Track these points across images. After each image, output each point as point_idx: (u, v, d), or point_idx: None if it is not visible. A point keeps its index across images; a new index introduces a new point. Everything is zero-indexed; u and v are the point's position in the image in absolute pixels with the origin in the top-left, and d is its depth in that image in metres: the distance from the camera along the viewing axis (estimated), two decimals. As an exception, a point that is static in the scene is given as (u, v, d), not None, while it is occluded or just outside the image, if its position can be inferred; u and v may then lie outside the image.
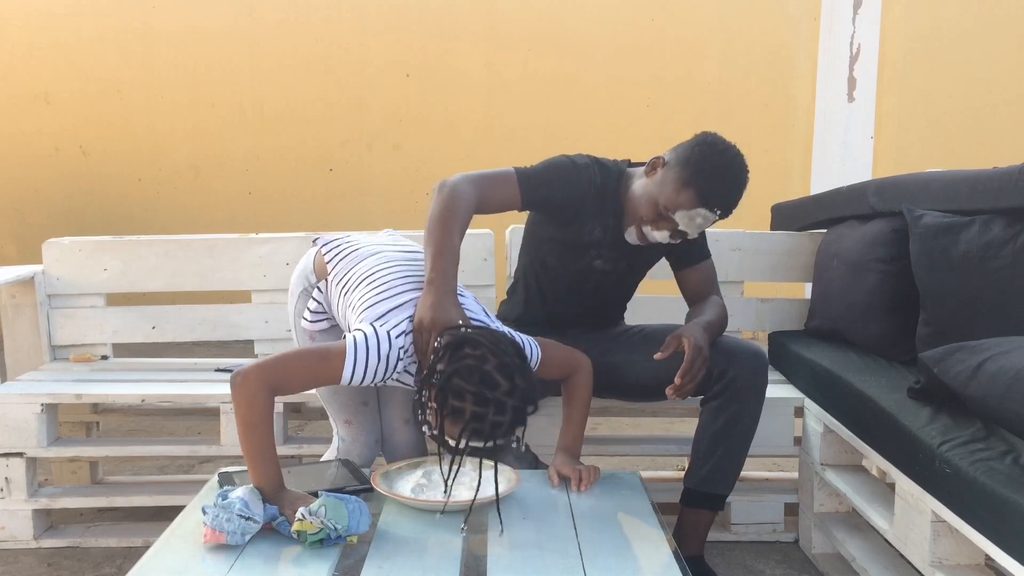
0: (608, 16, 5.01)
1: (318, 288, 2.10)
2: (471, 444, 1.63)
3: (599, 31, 5.03)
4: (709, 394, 2.13)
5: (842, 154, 5.01)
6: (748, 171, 2.10)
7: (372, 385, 1.84)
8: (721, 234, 2.82)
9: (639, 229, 2.14)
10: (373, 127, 5.13)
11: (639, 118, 5.05)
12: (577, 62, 5.04)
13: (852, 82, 4.97)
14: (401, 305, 1.86)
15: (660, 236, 2.12)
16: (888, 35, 4.95)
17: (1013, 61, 4.98)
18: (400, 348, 1.78)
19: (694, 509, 2.17)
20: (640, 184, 2.15)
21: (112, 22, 5.06)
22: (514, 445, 1.70)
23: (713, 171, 2.04)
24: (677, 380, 2.02)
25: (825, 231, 2.78)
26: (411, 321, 1.82)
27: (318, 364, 1.75)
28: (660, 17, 5.03)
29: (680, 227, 2.08)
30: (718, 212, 2.06)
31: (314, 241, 2.16)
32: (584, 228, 2.20)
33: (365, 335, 1.76)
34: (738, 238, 2.83)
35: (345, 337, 1.78)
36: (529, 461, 2.20)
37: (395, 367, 1.78)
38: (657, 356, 2.07)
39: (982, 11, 4.95)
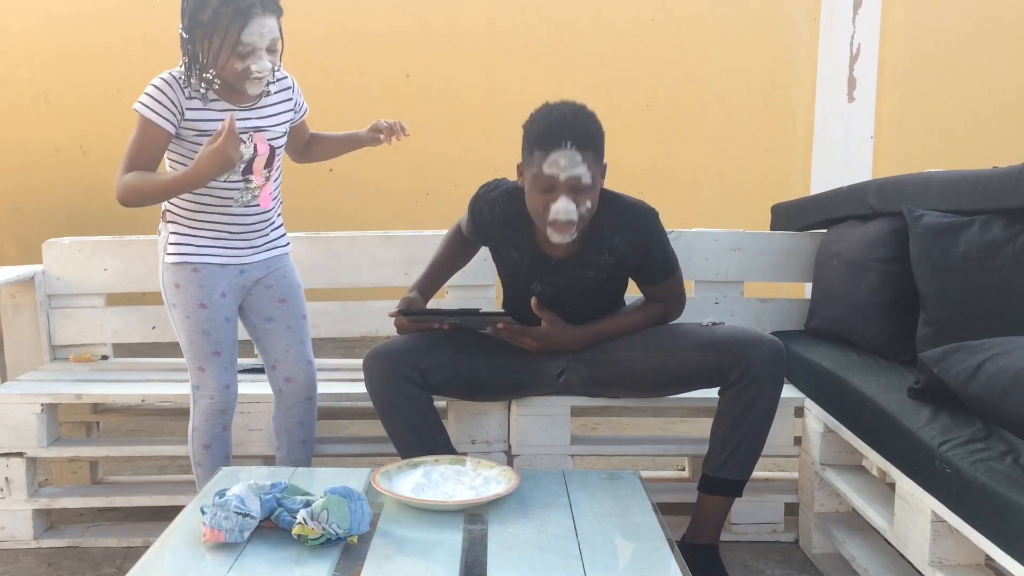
0: (608, 16, 5.01)
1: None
2: (247, 22, 1.93)
3: (599, 31, 5.03)
4: (727, 382, 2.15)
5: (842, 154, 5.01)
6: (584, 107, 2.09)
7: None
8: (721, 234, 2.82)
9: (544, 221, 2.07)
10: (373, 127, 5.12)
11: (639, 118, 5.04)
12: (577, 62, 5.04)
13: (852, 82, 4.97)
14: None
15: (562, 210, 2.01)
16: (888, 35, 4.95)
17: (1013, 61, 4.99)
18: (172, 76, 2.06)
19: (711, 496, 2.19)
20: (524, 191, 2.14)
21: (112, 23, 5.06)
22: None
23: (536, 121, 2.07)
24: (503, 329, 2.20)
25: (825, 231, 2.78)
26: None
27: (138, 132, 2.07)
28: (660, 17, 5.03)
29: (557, 177, 2.00)
30: (567, 144, 1.98)
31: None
32: (506, 255, 2.28)
33: (145, 92, 2.06)
34: (738, 238, 2.83)
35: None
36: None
37: (178, 87, 2.05)
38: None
39: (982, 11, 4.95)
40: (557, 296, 2.25)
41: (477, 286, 2.78)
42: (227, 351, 2.20)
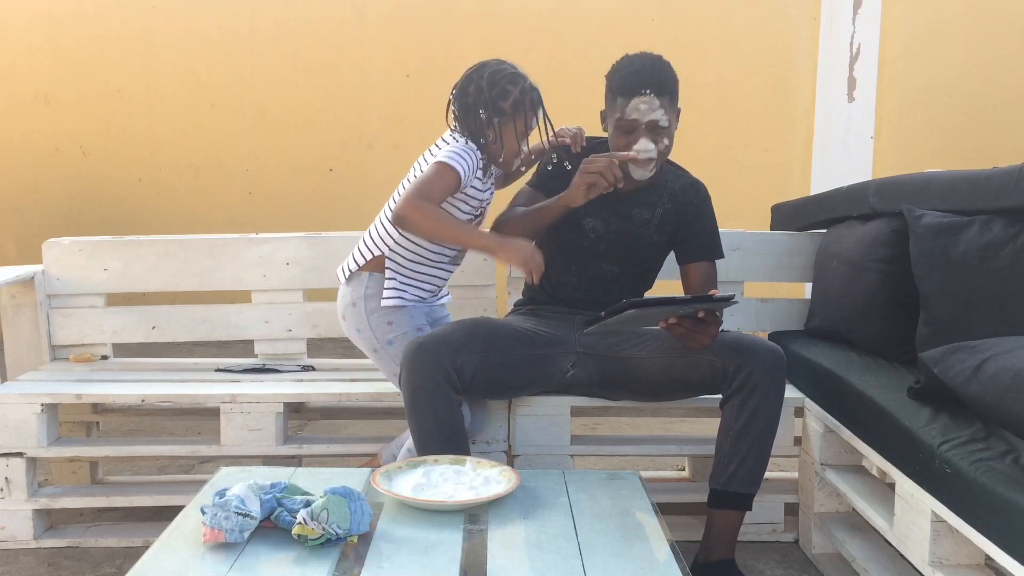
0: (608, 16, 5.01)
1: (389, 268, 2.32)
2: (536, 113, 2.26)
3: (599, 31, 5.03)
4: (728, 392, 2.14)
5: (842, 154, 5.01)
6: (660, 57, 2.30)
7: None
8: (721, 234, 2.81)
9: (625, 158, 2.25)
10: (373, 127, 5.12)
11: (639, 118, 5.04)
12: (577, 63, 5.03)
13: (852, 82, 4.97)
14: None
15: (643, 148, 2.23)
16: (888, 35, 4.95)
17: (1013, 61, 4.99)
18: (473, 147, 2.29)
19: (722, 511, 2.17)
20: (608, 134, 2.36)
21: (112, 23, 5.06)
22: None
23: (619, 71, 2.31)
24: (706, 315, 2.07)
25: (825, 231, 2.78)
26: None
27: (441, 177, 2.21)
28: (660, 17, 5.03)
29: (637, 119, 2.23)
30: (646, 91, 2.22)
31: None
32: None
33: (453, 151, 2.25)
34: (738, 238, 2.83)
35: (438, 163, 2.24)
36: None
37: (478, 158, 2.28)
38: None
39: (982, 11, 4.95)
40: (604, 235, 2.35)
41: (477, 286, 2.78)
42: None
